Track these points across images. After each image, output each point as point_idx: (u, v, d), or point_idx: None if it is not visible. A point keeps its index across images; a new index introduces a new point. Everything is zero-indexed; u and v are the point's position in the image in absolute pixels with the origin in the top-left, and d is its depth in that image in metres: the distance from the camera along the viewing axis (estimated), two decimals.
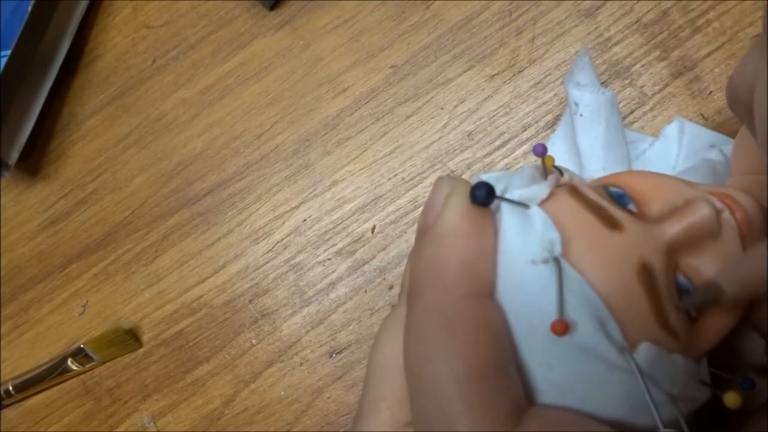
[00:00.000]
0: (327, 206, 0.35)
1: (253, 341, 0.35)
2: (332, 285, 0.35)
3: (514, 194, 0.16)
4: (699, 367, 0.16)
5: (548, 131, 0.33)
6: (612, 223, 0.15)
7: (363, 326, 0.34)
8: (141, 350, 0.37)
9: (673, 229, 0.16)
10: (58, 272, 0.39)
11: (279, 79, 0.37)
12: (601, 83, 0.29)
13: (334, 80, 0.36)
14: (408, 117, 0.35)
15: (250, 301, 0.36)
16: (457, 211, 0.16)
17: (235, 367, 0.35)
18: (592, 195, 0.16)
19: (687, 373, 0.15)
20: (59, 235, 0.39)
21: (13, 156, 0.38)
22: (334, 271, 0.35)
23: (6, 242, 0.40)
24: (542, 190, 0.16)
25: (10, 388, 0.37)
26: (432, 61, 0.35)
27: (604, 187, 0.17)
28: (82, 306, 0.38)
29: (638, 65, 0.32)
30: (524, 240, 0.15)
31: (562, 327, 0.14)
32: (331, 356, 0.34)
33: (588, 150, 0.26)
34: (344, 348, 0.34)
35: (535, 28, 0.34)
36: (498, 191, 0.15)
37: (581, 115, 0.26)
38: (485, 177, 0.16)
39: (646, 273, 0.15)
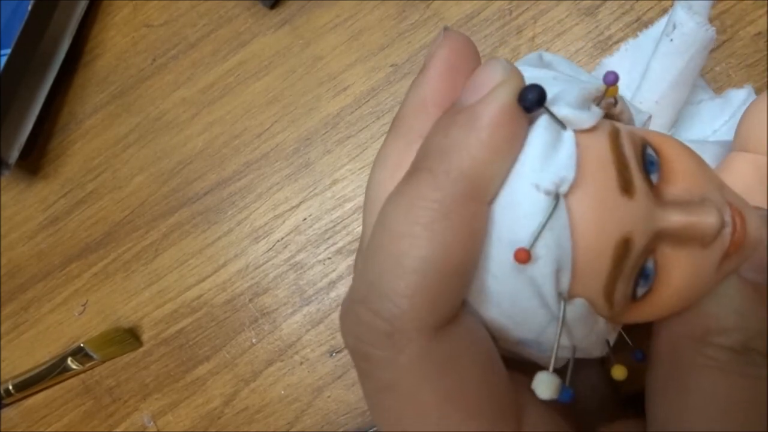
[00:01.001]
0: (327, 205, 0.35)
1: (253, 340, 0.35)
2: (332, 284, 0.35)
3: (560, 109, 0.15)
4: (613, 330, 0.17)
5: None
6: (627, 188, 0.15)
7: None
8: (141, 349, 0.37)
9: (673, 219, 0.15)
10: (58, 271, 0.39)
11: (279, 77, 0.37)
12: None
13: (334, 79, 0.36)
14: None
15: (250, 300, 0.36)
16: (501, 106, 0.15)
17: (236, 366, 0.35)
18: (628, 148, 0.16)
19: (599, 334, 0.16)
20: (59, 234, 0.39)
21: (13, 155, 0.38)
22: (334, 270, 0.35)
23: (6, 241, 0.40)
24: (588, 119, 0.15)
25: (10, 387, 0.37)
26: None
27: (644, 144, 0.16)
28: (82, 305, 0.38)
29: None
30: (543, 163, 0.15)
31: (523, 256, 0.14)
32: (332, 355, 0.34)
33: (655, 76, 0.25)
34: (344, 347, 0.34)
35: (535, 26, 0.34)
36: (548, 96, 0.15)
37: (671, 40, 0.24)
38: (543, 74, 0.16)
39: (623, 248, 0.15)
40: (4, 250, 0.40)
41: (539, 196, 0.14)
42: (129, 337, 0.36)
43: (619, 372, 0.17)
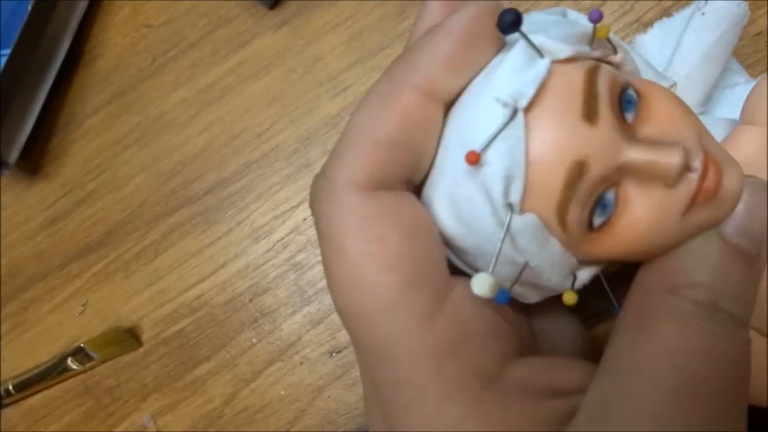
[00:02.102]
0: None
1: (254, 340, 0.35)
2: None
3: (538, 37, 0.16)
4: (582, 266, 0.18)
5: None
6: (589, 116, 0.16)
7: None
8: (141, 349, 0.37)
9: (635, 155, 0.16)
10: (57, 271, 0.39)
11: (279, 78, 0.37)
12: None
13: (334, 79, 0.36)
14: None
15: (250, 300, 0.36)
16: (471, 15, 0.16)
17: (236, 366, 0.35)
18: (604, 84, 0.16)
19: (556, 257, 0.17)
20: (59, 234, 0.39)
21: (13, 155, 0.38)
22: None
23: (6, 241, 0.40)
24: (564, 50, 0.16)
25: (10, 387, 0.37)
26: None
27: (626, 85, 0.17)
28: (82, 305, 0.38)
29: None
30: (508, 80, 0.16)
31: (472, 158, 0.15)
32: (332, 355, 0.34)
33: (685, 51, 0.25)
34: (345, 347, 0.34)
35: None
36: (533, 28, 0.16)
37: (703, 14, 0.24)
38: (545, 16, 0.17)
39: (577, 170, 0.15)
40: (4, 250, 0.40)
41: (497, 107, 0.16)
42: (129, 337, 0.36)
43: (569, 297, 0.17)
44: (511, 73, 0.16)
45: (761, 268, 0.17)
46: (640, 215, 0.16)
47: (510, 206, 0.16)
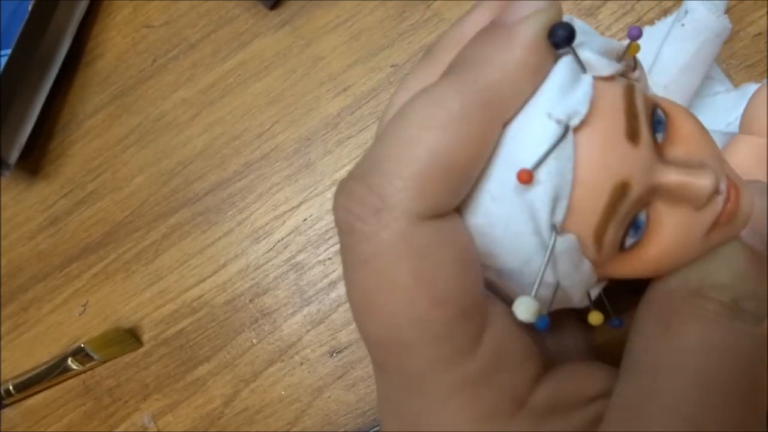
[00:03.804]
0: (328, 205, 0.35)
1: (254, 341, 0.35)
2: (333, 284, 0.35)
3: (584, 52, 0.16)
4: (597, 283, 0.18)
5: None
6: (633, 136, 0.16)
7: None
8: (141, 350, 0.37)
9: (670, 177, 0.16)
10: (58, 272, 0.39)
11: (279, 78, 0.37)
12: None
13: (334, 79, 0.36)
14: None
15: (250, 300, 0.36)
16: (538, 29, 0.16)
17: (236, 366, 0.35)
18: (640, 103, 0.16)
19: (583, 277, 0.17)
20: (59, 235, 0.39)
21: (14, 155, 0.38)
22: (334, 271, 0.35)
23: (6, 242, 0.40)
24: (608, 67, 0.16)
25: (11, 387, 0.37)
26: None
27: (654, 105, 0.17)
28: (83, 305, 0.38)
29: None
30: (558, 95, 0.15)
31: (526, 176, 0.15)
32: (332, 356, 0.34)
33: (665, 61, 0.25)
34: (345, 347, 0.34)
35: None
36: (575, 42, 0.16)
37: (683, 25, 0.25)
38: (577, 22, 0.17)
39: (620, 191, 0.15)
40: (4, 251, 0.40)
41: (550, 124, 0.15)
42: (129, 338, 0.36)
43: (595, 318, 0.17)
44: (560, 89, 0.16)
45: None
46: (669, 236, 0.16)
47: (554, 227, 0.15)
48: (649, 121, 0.17)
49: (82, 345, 0.36)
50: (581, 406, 0.17)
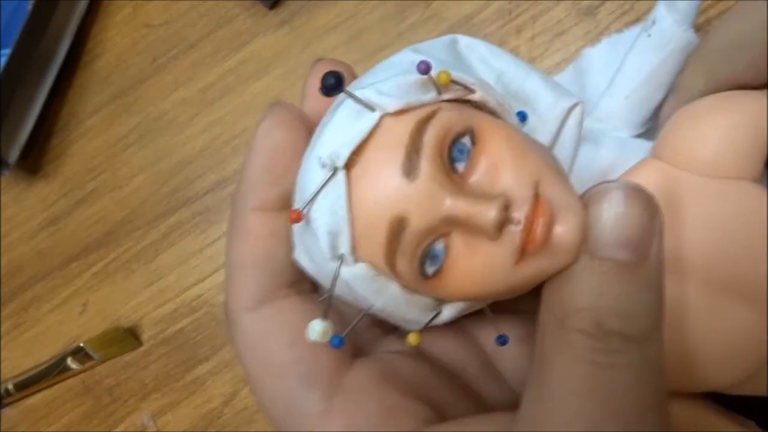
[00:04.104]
0: None
1: None
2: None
3: (365, 92, 0.16)
4: (445, 304, 0.18)
5: None
6: (407, 172, 0.16)
7: None
8: (141, 349, 0.37)
9: (457, 208, 0.16)
10: (58, 271, 0.39)
11: (279, 77, 0.37)
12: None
13: None
14: None
15: None
16: (272, 126, 0.19)
17: (235, 365, 0.35)
18: (434, 135, 0.16)
19: (400, 299, 0.17)
20: (59, 234, 0.39)
21: (14, 155, 0.38)
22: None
23: (6, 241, 0.40)
24: (391, 103, 0.16)
25: (11, 386, 0.37)
26: None
27: (462, 133, 0.17)
28: (82, 305, 0.38)
29: None
30: (330, 138, 0.17)
31: (294, 216, 0.16)
32: None
33: (628, 71, 0.25)
34: None
35: (534, 26, 0.34)
36: (361, 83, 0.17)
37: (649, 35, 0.24)
38: (365, 82, 0.17)
39: (396, 225, 0.16)
40: (4, 251, 0.40)
41: (318, 168, 0.16)
42: (129, 337, 0.36)
43: (413, 338, 0.18)
44: (333, 133, 0.17)
45: (651, 270, 0.16)
46: (467, 266, 0.16)
47: (340, 257, 0.17)
48: (446, 152, 0.16)
49: (81, 344, 0.36)
50: None
